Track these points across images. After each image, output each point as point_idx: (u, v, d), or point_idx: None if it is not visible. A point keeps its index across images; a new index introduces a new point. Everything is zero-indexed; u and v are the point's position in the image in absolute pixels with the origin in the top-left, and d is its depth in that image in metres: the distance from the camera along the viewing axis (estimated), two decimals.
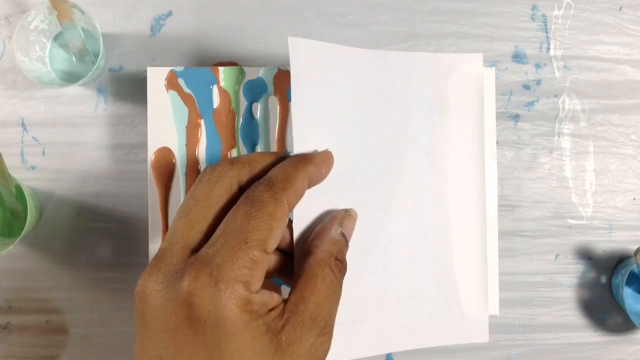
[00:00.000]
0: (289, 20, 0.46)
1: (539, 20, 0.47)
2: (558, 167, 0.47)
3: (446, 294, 0.36)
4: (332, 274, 0.27)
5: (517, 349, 0.46)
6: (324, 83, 0.32)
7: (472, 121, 0.37)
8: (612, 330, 0.46)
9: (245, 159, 0.27)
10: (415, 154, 0.35)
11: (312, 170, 0.28)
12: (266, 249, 0.24)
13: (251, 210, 0.24)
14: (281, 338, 0.24)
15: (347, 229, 0.30)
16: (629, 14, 0.48)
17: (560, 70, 0.47)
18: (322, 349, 0.25)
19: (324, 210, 0.30)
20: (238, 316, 0.22)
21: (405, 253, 0.35)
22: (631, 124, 0.47)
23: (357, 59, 0.33)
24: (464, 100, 0.37)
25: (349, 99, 0.33)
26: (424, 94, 0.36)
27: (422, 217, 0.35)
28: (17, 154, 0.45)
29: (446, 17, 0.47)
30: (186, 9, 0.46)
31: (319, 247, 0.27)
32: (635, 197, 0.47)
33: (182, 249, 0.24)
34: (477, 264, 0.37)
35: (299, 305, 0.25)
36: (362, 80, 0.33)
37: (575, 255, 0.47)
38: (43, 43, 0.45)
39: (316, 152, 0.30)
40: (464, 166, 0.37)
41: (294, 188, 0.26)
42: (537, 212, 0.47)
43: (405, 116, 0.35)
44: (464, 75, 0.37)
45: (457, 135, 0.37)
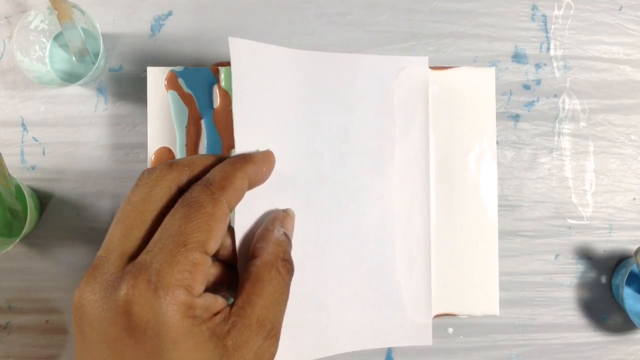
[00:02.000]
0: (289, 20, 0.46)
1: (539, 20, 0.47)
2: (558, 167, 0.47)
3: (389, 296, 0.36)
4: (280, 275, 0.26)
5: (517, 349, 0.46)
6: (266, 84, 0.31)
7: (418, 124, 0.37)
8: (612, 330, 0.46)
9: (185, 161, 0.26)
10: (359, 157, 0.35)
11: (252, 169, 0.27)
12: (207, 251, 0.23)
13: (189, 212, 0.23)
14: (227, 343, 0.23)
15: (288, 229, 0.29)
16: (629, 14, 0.48)
17: (560, 70, 0.47)
18: (270, 352, 0.25)
19: (265, 214, 0.30)
20: (180, 322, 0.22)
21: (347, 256, 0.35)
22: (631, 124, 0.47)
23: (300, 61, 0.33)
24: (410, 104, 0.37)
25: (291, 100, 0.33)
26: (368, 96, 0.35)
27: (364, 220, 0.35)
28: (17, 154, 0.45)
29: (446, 17, 0.47)
30: (186, 9, 0.46)
31: (265, 249, 0.27)
32: (635, 197, 0.47)
33: (119, 257, 0.23)
34: (421, 267, 0.37)
35: (246, 309, 0.24)
36: (304, 82, 0.33)
37: (575, 255, 0.47)
38: (43, 43, 0.45)
39: (257, 152, 0.29)
40: (409, 170, 0.37)
41: (233, 187, 0.25)
42: (537, 212, 0.47)
43: (349, 119, 0.35)
44: (410, 78, 0.36)
45: (402, 139, 0.37)
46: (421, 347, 0.46)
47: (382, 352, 0.45)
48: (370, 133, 0.36)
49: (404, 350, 0.46)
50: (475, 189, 0.44)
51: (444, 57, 0.47)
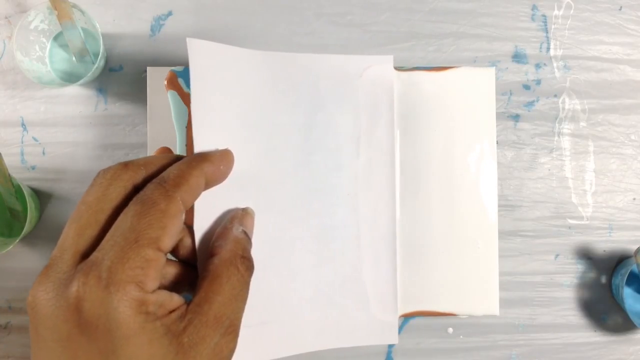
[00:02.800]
0: (289, 20, 0.46)
1: (539, 20, 0.47)
2: (558, 167, 0.47)
3: (353, 295, 0.36)
4: (238, 272, 0.26)
5: (517, 349, 0.46)
6: (225, 85, 0.31)
7: (383, 123, 0.37)
8: (612, 330, 0.46)
9: (141, 160, 0.26)
10: (323, 156, 0.35)
11: (208, 167, 0.27)
12: (160, 247, 0.23)
13: (142, 209, 0.23)
14: (183, 340, 0.23)
15: (247, 227, 0.29)
16: (629, 14, 0.48)
17: (560, 70, 0.47)
18: (228, 348, 0.25)
19: (225, 213, 0.30)
20: (132, 318, 0.22)
21: (310, 255, 0.35)
22: (631, 124, 0.47)
23: (261, 62, 0.33)
24: (375, 103, 0.37)
25: (253, 100, 0.33)
26: (333, 96, 0.35)
27: (329, 219, 0.35)
28: (17, 154, 0.45)
29: (446, 17, 0.47)
30: (186, 9, 0.46)
31: (223, 247, 0.27)
32: (635, 197, 0.47)
33: (72, 256, 0.23)
34: (387, 266, 0.37)
35: (203, 306, 0.24)
36: (266, 82, 0.33)
37: (575, 255, 0.47)
38: (43, 43, 0.45)
39: (214, 150, 0.29)
40: (374, 168, 0.37)
41: (188, 184, 0.25)
42: (537, 212, 0.47)
43: (312, 118, 0.35)
44: (375, 77, 0.37)
45: (368, 138, 0.37)
46: (421, 347, 0.46)
47: (382, 352, 0.46)
48: (335, 132, 0.36)
49: (404, 351, 0.46)
50: (475, 189, 0.44)
51: (444, 57, 0.47)
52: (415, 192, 0.44)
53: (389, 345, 0.46)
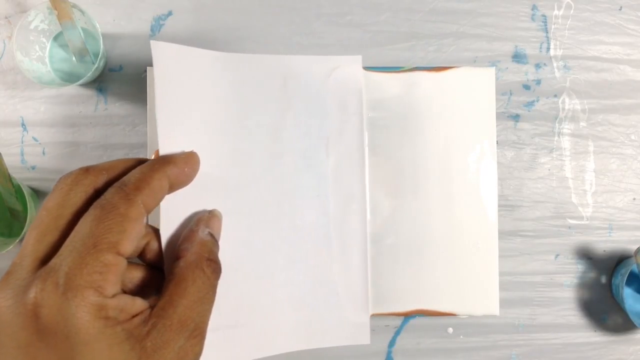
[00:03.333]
0: (289, 20, 0.46)
1: (539, 20, 0.47)
2: (558, 167, 0.47)
3: (325, 296, 0.36)
4: (204, 275, 0.26)
5: (517, 349, 0.46)
6: (191, 87, 0.31)
7: (352, 123, 0.37)
8: (612, 330, 0.46)
9: (104, 165, 0.26)
10: (292, 158, 0.35)
11: (172, 170, 0.27)
12: (120, 251, 0.23)
13: (101, 213, 0.23)
14: (146, 344, 0.23)
15: (214, 229, 0.29)
16: (629, 14, 0.48)
17: (560, 70, 0.47)
18: (193, 352, 0.24)
19: (191, 215, 0.30)
20: (91, 324, 0.22)
21: (281, 257, 0.35)
22: (631, 124, 0.47)
23: (227, 64, 0.33)
24: (344, 103, 0.37)
25: (219, 103, 0.32)
26: (301, 97, 0.35)
27: (300, 220, 0.35)
28: (17, 154, 0.45)
29: (446, 17, 0.47)
30: (186, 9, 0.46)
31: (189, 250, 0.27)
32: (635, 197, 0.47)
33: (32, 262, 0.23)
34: (358, 267, 0.37)
35: (167, 309, 0.24)
36: (233, 84, 0.33)
37: (575, 255, 0.47)
38: (43, 43, 0.45)
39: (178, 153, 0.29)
40: (344, 169, 0.37)
41: (150, 188, 0.25)
42: (537, 212, 0.47)
43: (280, 120, 0.35)
44: (344, 78, 0.37)
45: (337, 138, 0.37)
46: (421, 347, 0.46)
47: (382, 352, 0.46)
48: (303, 133, 0.36)
49: (404, 351, 0.46)
50: (475, 189, 0.44)
51: (444, 57, 0.47)
52: (415, 192, 0.44)
53: (389, 345, 0.46)
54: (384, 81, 0.44)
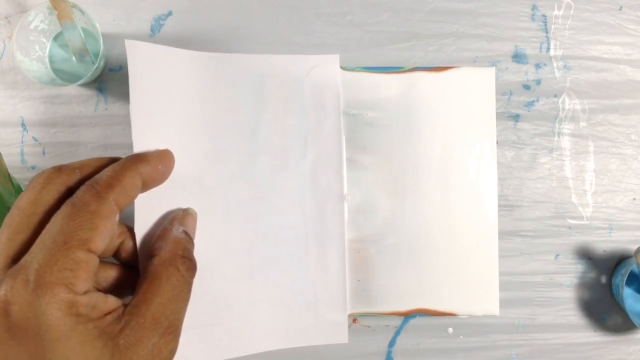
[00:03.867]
0: (289, 20, 0.46)
1: (539, 20, 0.47)
2: (558, 167, 0.47)
3: (303, 296, 0.36)
4: (179, 272, 0.26)
5: (517, 349, 0.46)
6: (166, 86, 0.31)
7: (330, 122, 0.37)
8: (612, 330, 0.46)
9: (76, 164, 0.26)
10: (269, 157, 0.35)
11: (144, 168, 0.27)
12: (91, 249, 0.23)
13: (72, 211, 0.23)
14: (119, 341, 0.23)
15: (189, 227, 0.29)
16: (629, 14, 0.48)
17: (560, 70, 0.47)
18: (167, 349, 0.25)
19: (165, 214, 0.30)
20: (62, 320, 0.22)
21: (258, 256, 0.35)
22: (631, 124, 0.47)
23: (203, 63, 0.33)
24: (321, 102, 0.37)
25: (195, 102, 0.33)
26: (278, 96, 0.35)
27: (277, 219, 0.35)
28: (17, 154, 0.45)
29: (446, 17, 0.47)
30: (186, 9, 0.46)
31: (163, 248, 0.27)
32: (635, 197, 0.47)
33: (3, 261, 0.23)
34: (336, 266, 0.37)
35: (141, 307, 0.24)
36: (209, 83, 0.33)
37: (575, 255, 0.47)
38: (43, 43, 0.45)
39: (152, 151, 0.29)
40: (322, 168, 0.37)
41: (122, 185, 0.25)
42: (537, 212, 0.47)
43: (257, 119, 0.35)
44: (321, 77, 0.37)
45: (315, 137, 0.37)
46: (421, 347, 0.46)
47: (382, 352, 0.46)
48: (281, 132, 0.36)
49: (404, 351, 0.46)
50: (475, 189, 0.44)
51: (444, 57, 0.47)
52: (415, 192, 0.44)
53: (389, 345, 0.46)
54: (384, 81, 0.44)
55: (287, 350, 0.45)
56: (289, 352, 0.45)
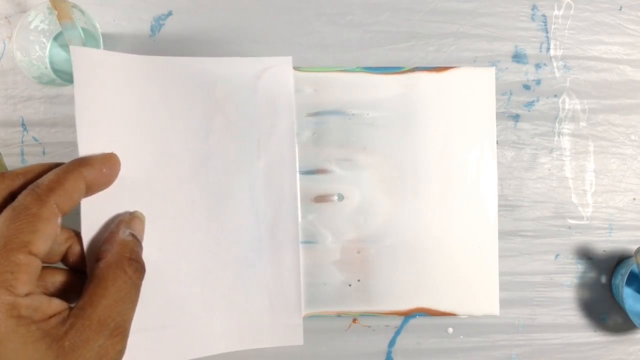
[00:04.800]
0: (289, 20, 0.46)
1: (539, 20, 0.47)
2: (558, 167, 0.47)
3: (257, 298, 0.36)
4: (125, 274, 0.26)
5: (517, 349, 0.46)
6: (113, 91, 0.31)
7: (283, 125, 0.37)
8: (612, 330, 0.46)
9: (20, 170, 0.27)
10: (222, 160, 0.35)
11: (88, 171, 0.27)
12: (32, 251, 0.23)
13: (12, 214, 0.24)
14: (64, 343, 0.23)
15: (136, 230, 0.29)
16: (629, 14, 0.48)
17: (560, 70, 0.47)
18: (114, 350, 0.25)
19: (112, 218, 0.30)
20: (2, 322, 0.22)
21: (212, 259, 0.35)
22: (631, 124, 0.47)
23: (152, 68, 0.33)
24: (274, 105, 0.37)
25: (144, 107, 0.33)
26: (230, 99, 0.35)
27: (231, 223, 0.35)
28: (17, 154, 0.45)
29: (446, 17, 0.47)
30: (186, 9, 0.46)
31: (109, 251, 0.27)
32: (635, 197, 0.47)
33: None
34: (290, 268, 0.37)
35: (86, 309, 0.24)
36: (158, 88, 0.33)
37: (575, 255, 0.47)
38: (43, 43, 0.45)
39: (96, 154, 0.29)
40: (275, 171, 0.37)
41: (64, 188, 0.25)
42: (537, 212, 0.47)
43: (209, 123, 0.35)
44: (273, 79, 0.36)
45: (267, 140, 0.37)
46: (421, 347, 0.46)
47: (382, 352, 0.46)
48: (234, 136, 0.36)
49: (404, 351, 0.46)
50: (475, 189, 0.44)
51: (444, 57, 0.47)
52: (415, 192, 0.44)
53: (389, 345, 0.46)
54: (384, 81, 0.44)
55: (287, 350, 0.45)
56: (289, 352, 0.45)
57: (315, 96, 0.45)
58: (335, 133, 0.44)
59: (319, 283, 0.44)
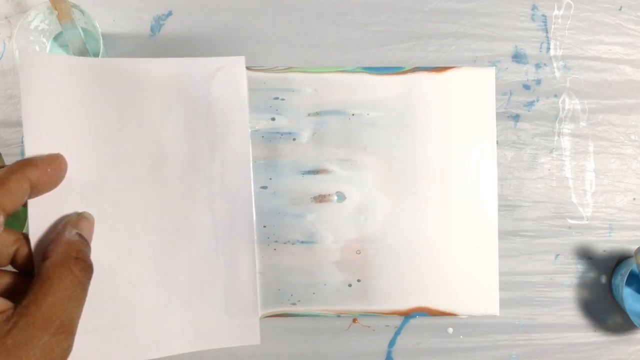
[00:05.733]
0: (289, 20, 0.46)
1: (539, 20, 0.47)
2: (558, 167, 0.47)
3: (211, 298, 0.36)
4: (71, 273, 0.27)
5: (517, 349, 0.46)
6: (62, 94, 0.32)
7: (236, 124, 0.37)
8: (612, 330, 0.46)
9: None
10: (175, 161, 0.35)
11: (32, 171, 0.27)
12: None
13: None
14: (7, 341, 0.24)
15: (84, 230, 0.29)
16: (629, 14, 0.48)
17: (560, 70, 0.47)
18: (59, 348, 0.25)
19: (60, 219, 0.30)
20: None
21: (165, 260, 0.35)
22: (631, 124, 0.47)
23: (103, 70, 0.33)
24: (227, 104, 0.37)
25: (95, 109, 0.33)
26: (183, 100, 0.35)
27: (185, 223, 0.35)
28: (17, 154, 0.45)
29: (446, 17, 0.47)
30: (186, 9, 0.46)
31: (55, 251, 0.27)
32: (635, 197, 0.47)
33: None
34: (246, 268, 0.37)
35: (31, 308, 0.25)
36: (110, 89, 0.33)
37: (575, 255, 0.47)
38: (43, 43, 0.45)
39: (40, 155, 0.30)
40: (230, 172, 0.37)
41: (6, 188, 0.26)
42: (537, 212, 0.47)
43: (162, 124, 0.35)
44: (226, 79, 0.37)
45: (222, 140, 0.37)
46: (421, 347, 0.46)
47: (382, 352, 0.46)
48: (188, 136, 0.36)
49: (404, 351, 0.46)
50: (475, 189, 0.44)
51: (444, 57, 0.47)
52: (415, 192, 0.44)
53: (389, 345, 0.46)
54: (384, 81, 0.44)
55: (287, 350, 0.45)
56: (289, 352, 0.45)
57: (315, 96, 0.45)
58: (335, 133, 0.44)
59: (319, 283, 0.44)
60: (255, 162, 0.44)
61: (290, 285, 0.44)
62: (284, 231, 0.44)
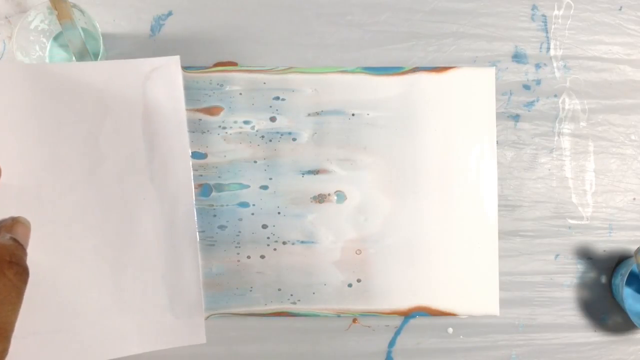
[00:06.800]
0: (289, 20, 0.46)
1: (539, 20, 0.47)
2: (558, 167, 0.47)
3: (156, 300, 0.36)
4: (5, 277, 0.26)
5: (517, 349, 0.46)
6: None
7: (174, 124, 0.37)
8: (612, 330, 0.46)
9: None
10: (114, 163, 0.35)
11: None
12: None
13: None
14: None
15: (19, 234, 0.29)
16: (629, 14, 0.48)
17: (560, 70, 0.47)
18: None
19: None
20: None
21: (107, 263, 0.35)
22: (631, 124, 0.47)
23: (39, 75, 0.33)
24: (164, 104, 0.37)
25: (31, 114, 0.33)
26: (119, 102, 0.35)
27: (127, 225, 0.35)
28: None
29: (446, 17, 0.47)
30: (186, 9, 0.46)
31: None
32: (635, 197, 0.47)
33: None
34: (190, 268, 0.37)
35: None
36: (46, 94, 0.33)
37: (575, 255, 0.47)
38: (43, 43, 0.45)
39: None
40: (169, 172, 0.37)
41: None
42: (537, 212, 0.47)
43: (98, 127, 0.35)
44: (162, 79, 0.37)
45: (160, 140, 0.37)
46: (421, 347, 0.46)
47: (382, 352, 0.46)
48: (125, 138, 0.36)
49: (404, 351, 0.46)
50: (475, 189, 0.44)
51: (444, 57, 0.47)
52: (415, 192, 0.44)
53: (389, 345, 0.46)
54: (384, 81, 0.44)
55: (287, 350, 0.45)
56: (289, 351, 0.45)
57: (315, 96, 0.45)
58: (335, 133, 0.44)
59: (319, 283, 0.44)
60: (255, 162, 0.44)
61: (290, 285, 0.44)
62: (284, 231, 0.44)
